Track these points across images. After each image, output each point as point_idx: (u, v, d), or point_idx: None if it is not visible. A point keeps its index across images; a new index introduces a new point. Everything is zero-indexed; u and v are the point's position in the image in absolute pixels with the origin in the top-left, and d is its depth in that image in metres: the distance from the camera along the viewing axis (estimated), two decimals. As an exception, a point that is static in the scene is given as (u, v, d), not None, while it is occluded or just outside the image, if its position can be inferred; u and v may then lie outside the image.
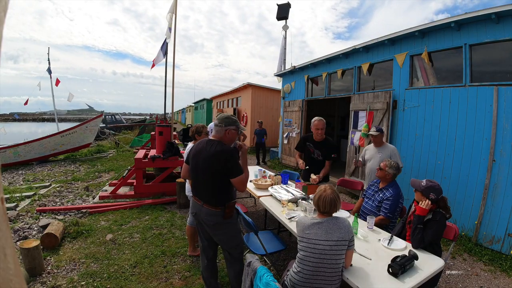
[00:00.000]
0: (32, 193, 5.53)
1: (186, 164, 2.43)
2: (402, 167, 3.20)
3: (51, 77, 12.04)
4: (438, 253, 2.27)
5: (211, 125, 6.49)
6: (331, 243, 1.73)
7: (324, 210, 1.85)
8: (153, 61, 6.74)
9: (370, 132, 3.64)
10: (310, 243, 1.78)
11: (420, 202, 2.24)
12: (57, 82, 11.90)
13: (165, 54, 6.62)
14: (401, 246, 2.14)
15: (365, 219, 2.79)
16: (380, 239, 2.26)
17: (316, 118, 3.60)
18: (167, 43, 6.52)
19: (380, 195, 2.89)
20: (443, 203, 2.25)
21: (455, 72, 4.18)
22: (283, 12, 11.32)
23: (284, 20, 11.45)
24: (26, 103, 12.16)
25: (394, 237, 2.28)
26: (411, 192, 4.60)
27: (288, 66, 10.30)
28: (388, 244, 2.16)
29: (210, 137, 2.32)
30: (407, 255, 1.86)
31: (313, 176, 3.43)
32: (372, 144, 3.73)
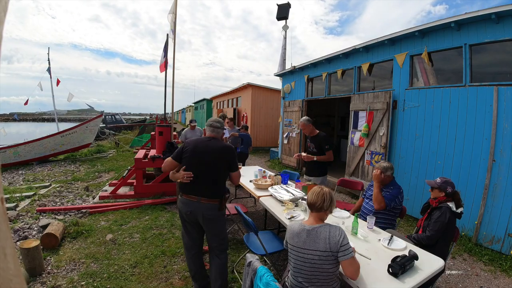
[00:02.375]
0: (32, 193, 5.53)
1: (175, 161, 2.40)
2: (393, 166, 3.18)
3: (51, 77, 12.05)
4: (444, 254, 2.28)
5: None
6: (318, 252, 1.66)
7: (317, 205, 1.75)
8: (160, 65, 6.77)
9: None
10: (300, 252, 1.72)
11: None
12: (58, 82, 11.93)
13: (165, 54, 6.63)
14: (401, 246, 2.14)
15: (365, 219, 2.80)
16: (380, 239, 2.26)
17: (301, 119, 4.04)
18: (167, 44, 6.52)
19: (382, 193, 2.89)
20: (457, 196, 2.40)
21: (455, 72, 4.18)
22: (283, 12, 11.31)
23: (284, 20, 11.45)
24: (26, 103, 12.16)
25: (394, 237, 2.28)
26: (411, 192, 4.61)
27: (287, 66, 10.32)
28: (388, 244, 2.16)
29: (208, 135, 2.50)
30: (407, 255, 1.86)
31: (302, 154, 3.98)
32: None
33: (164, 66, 6.68)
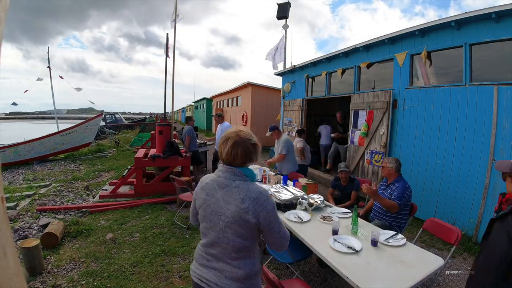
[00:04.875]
0: (32, 192, 5.54)
1: None
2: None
3: (50, 76, 12.08)
4: None
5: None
6: None
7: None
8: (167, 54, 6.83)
9: (267, 134, 4.82)
10: None
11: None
12: (61, 78, 12.36)
13: (166, 52, 6.66)
14: (401, 243, 2.13)
15: (379, 219, 2.97)
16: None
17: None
18: (168, 41, 6.54)
19: (389, 191, 2.99)
20: None
21: (455, 72, 4.17)
22: (283, 11, 11.30)
23: (284, 20, 11.43)
24: (26, 91, 12.60)
25: (400, 234, 2.28)
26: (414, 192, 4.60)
27: (280, 65, 10.40)
28: (387, 240, 2.15)
29: None
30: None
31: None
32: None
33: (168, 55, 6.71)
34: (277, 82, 9.83)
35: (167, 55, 6.66)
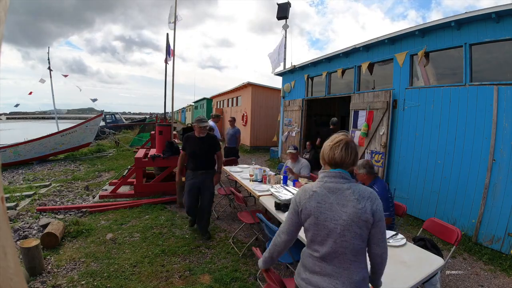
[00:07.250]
0: (32, 192, 5.53)
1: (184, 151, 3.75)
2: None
3: (51, 76, 12.08)
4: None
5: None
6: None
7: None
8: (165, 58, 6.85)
9: (288, 150, 4.34)
10: None
11: None
12: (66, 75, 12.76)
13: (168, 50, 6.66)
14: (401, 243, 2.13)
15: None
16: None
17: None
18: (169, 45, 6.54)
19: None
20: None
21: (455, 72, 4.17)
22: (283, 12, 11.30)
23: (284, 20, 11.43)
24: (30, 93, 12.80)
25: (400, 234, 2.28)
26: (411, 191, 4.61)
27: (276, 65, 10.41)
28: (387, 240, 2.15)
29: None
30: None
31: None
32: (289, 161, 4.43)
33: (167, 59, 6.71)
34: (276, 82, 9.90)
35: (167, 55, 6.65)
